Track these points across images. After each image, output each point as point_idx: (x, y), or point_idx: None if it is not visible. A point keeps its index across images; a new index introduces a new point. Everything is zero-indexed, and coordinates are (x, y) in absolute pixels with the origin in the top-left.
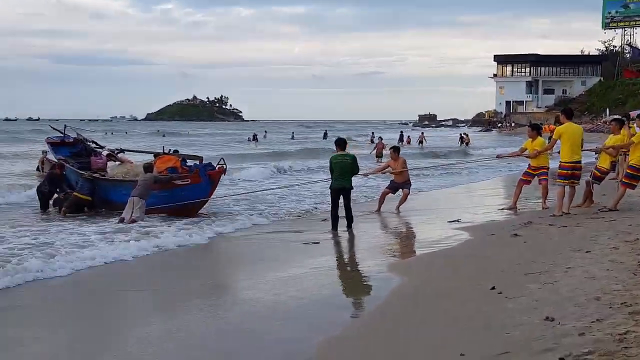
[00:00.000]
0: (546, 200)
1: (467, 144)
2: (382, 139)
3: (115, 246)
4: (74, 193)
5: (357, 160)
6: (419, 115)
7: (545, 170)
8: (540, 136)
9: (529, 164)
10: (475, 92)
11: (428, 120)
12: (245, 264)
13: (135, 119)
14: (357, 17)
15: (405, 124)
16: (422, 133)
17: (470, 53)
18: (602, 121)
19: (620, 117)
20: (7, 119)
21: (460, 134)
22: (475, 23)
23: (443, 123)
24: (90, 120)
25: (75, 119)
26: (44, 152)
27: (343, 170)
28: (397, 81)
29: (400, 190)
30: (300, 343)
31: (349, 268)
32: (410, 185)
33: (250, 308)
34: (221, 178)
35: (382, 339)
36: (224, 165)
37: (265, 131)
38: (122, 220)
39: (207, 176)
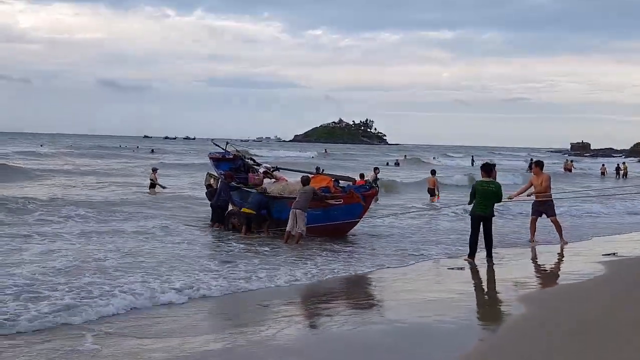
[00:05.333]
0: None
1: (625, 175)
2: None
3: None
4: (243, 209)
5: (501, 188)
6: (571, 144)
7: None
8: None
9: None
10: (632, 121)
11: (581, 149)
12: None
13: (280, 140)
14: (505, 41)
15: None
16: (567, 160)
17: (625, 80)
18: None
19: None
20: (167, 137)
21: (617, 164)
22: (631, 49)
23: (598, 153)
24: (242, 140)
25: (226, 138)
26: (154, 170)
27: (485, 197)
28: (546, 107)
29: (545, 215)
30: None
31: (486, 297)
32: (553, 206)
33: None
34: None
35: None
36: (377, 188)
37: (405, 155)
38: (288, 236)
39: (361, 198)
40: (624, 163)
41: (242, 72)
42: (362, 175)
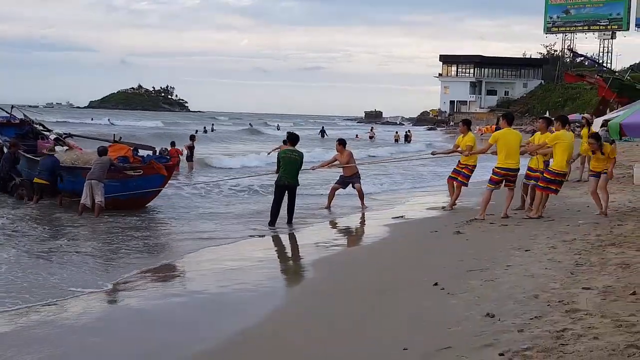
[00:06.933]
0: (456, 201)
1: (409, 140)
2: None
3: None
4: (35, 179)
5: (303, 157)
6: (365, 112)
7: (467, 172)
8: (471, 131)
9: (459, 161)
10: (420, 91)
11: (373, 118)
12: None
13: (73, 106)
14: (303, 11)
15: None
16: (372, 128)
17: (415, 52)
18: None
19: (548, 117)
20: None
21: (406, 132)
22: (418, 22)
23: (388, 120)
24: (30, 106)
25: (12, 104)
26: None
27: (290, 167)
28: (342, 77)
29: (351, 185)
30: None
31: (288, 262)
32: (360, 177)
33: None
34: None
35: (318, 332)
36: (179, 157)
37: (213, 124)
38: (83, 208)
39: (161, 168)
40: (409, 130)
41: (29, 33)
42: (173, 143)
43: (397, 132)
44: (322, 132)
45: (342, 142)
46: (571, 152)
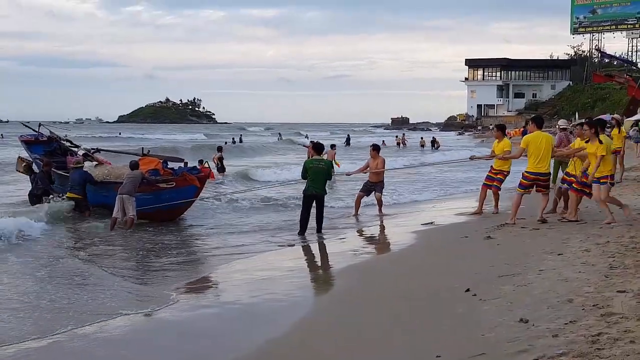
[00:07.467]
0: (498, 205)
1: (437, 147)
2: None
3: None
4: (68, 194)
5: (331, 166)
6: (391, 119)
7: (502, 177)
8: (506, 136)
9: (491, 167)
10: (446, 96)
11: (400, 124)
12: None
13: (102, 121)
14: (326, 20)
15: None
16: (404, 134)
17: (439, 57)
18: (571, 125)
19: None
20: None
21: (432, 137)
22: (442, 27)
23: (416, 126)
24: (61, 122)
25: (43, 121)
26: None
27: (317, 176)
28: (368, 84)
29: (373, 193)
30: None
31: (317, 271)
32: (383, 186)
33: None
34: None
35: (347, 341)
36: (210, 168)
37: (241, 135)
38: (114, 223)
39: (194, 179)
40: (434, 137)
41: (57, 51)
42: (201, 162)
43: (422, 138)
44: (348, 140)
45: (376, 148)
46: (609, 157)
